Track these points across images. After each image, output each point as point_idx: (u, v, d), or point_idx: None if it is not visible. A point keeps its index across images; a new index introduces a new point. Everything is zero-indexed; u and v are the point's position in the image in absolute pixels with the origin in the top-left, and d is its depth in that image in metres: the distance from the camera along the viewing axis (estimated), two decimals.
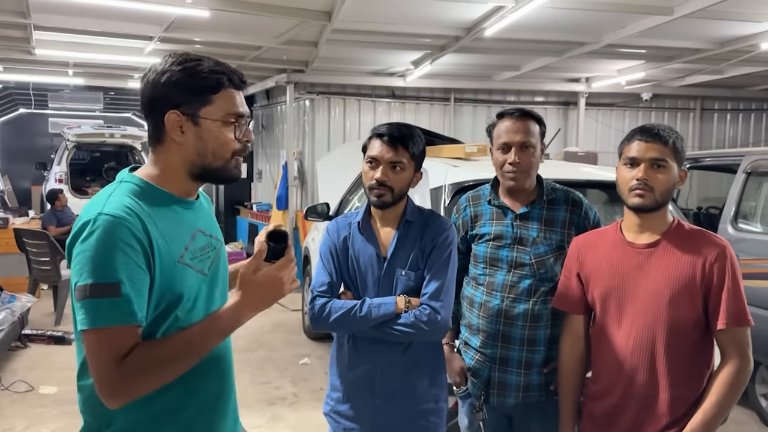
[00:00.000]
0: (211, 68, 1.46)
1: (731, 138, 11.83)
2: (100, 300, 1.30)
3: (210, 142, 1.46)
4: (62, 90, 16.02)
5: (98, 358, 1.33)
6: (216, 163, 1.48)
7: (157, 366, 1.35)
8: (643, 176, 1.88)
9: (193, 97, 1.44)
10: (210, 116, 1.45)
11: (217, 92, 1.45)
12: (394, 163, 2.11)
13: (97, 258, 1.32)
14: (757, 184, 4.75)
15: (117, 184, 1.46)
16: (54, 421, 4.25)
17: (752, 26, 6.78)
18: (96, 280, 1.31)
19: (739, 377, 1.84)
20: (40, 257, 6.74)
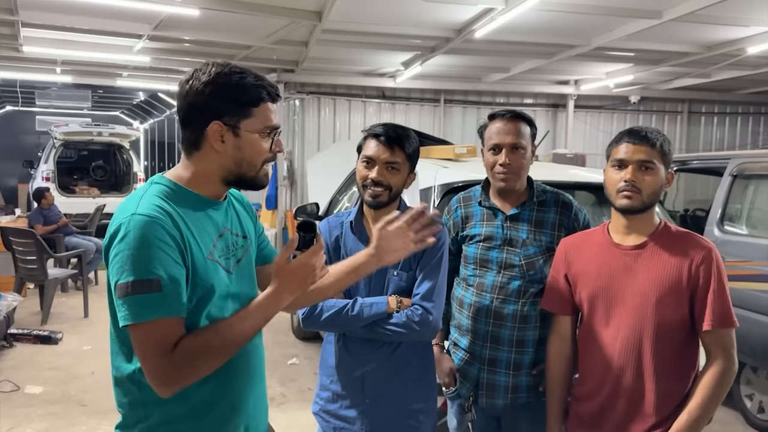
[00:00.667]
0: (254, 83, 1.51)
1: (718, 141, 11.94)
2: (142, 295, 1.36)
3: (247, 153, 1.52)
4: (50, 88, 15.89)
5: (148, 350, 1.39)
6: (250, 172, 1.55)
7: (206, 353, 1.42)
8: (631, 178, 1.89)
9: (236, 110, 1.50)
10: (249, 128, 1.51)
11: (257, 106, 1.52)
12: (390, 164, 2.12)
13: (136, 256, 1.37)
14: (743, 187, 4.79)
15: (148, 186, 1.53)
16: (39, 421, 4.22)
17: (739, 30, 6.86)
18: (137, 277, 1.36)
19: (724, 378, 1.85)
20: (27, 256, 6.68)
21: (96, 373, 5.14)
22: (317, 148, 9.97)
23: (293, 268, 1.53)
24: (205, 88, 1.48)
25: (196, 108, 1.49)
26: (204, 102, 1.48)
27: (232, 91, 1.49)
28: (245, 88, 1.50)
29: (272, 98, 1.54)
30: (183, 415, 1.50)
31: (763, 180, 4.74)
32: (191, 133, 1.52)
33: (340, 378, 2.19)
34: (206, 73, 1.49)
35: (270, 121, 1.54)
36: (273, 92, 1.55)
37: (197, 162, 1.54)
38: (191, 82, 1.50)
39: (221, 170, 1.53)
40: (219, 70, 1.50)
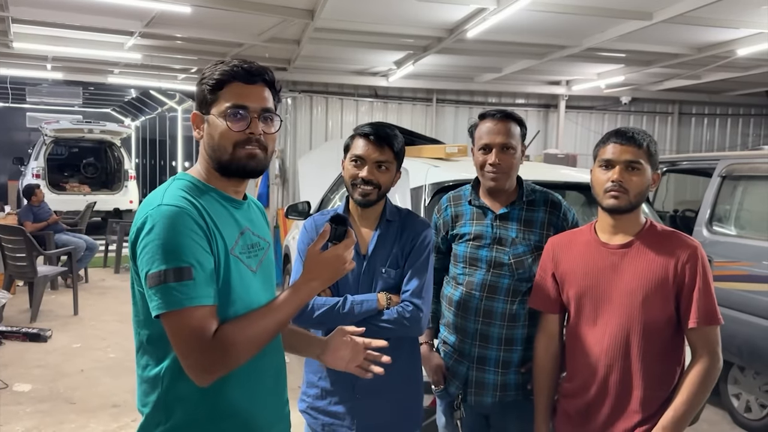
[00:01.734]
0: (224, 68, 1.51)
1: (708, 142, 12.01)
2: (176, 284, 1.36)
3: (214, 137, 1.52)
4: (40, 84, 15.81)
5: (185, 338, 1.38)
6: (224, 156, 1.51)
7: (245, 340, 1.43)
8: (618, 178, 1.91)
9: (206, 97, 1.52)
10: (215, 112, 1.51)
11: (221, 88, 1.51)
12: (380, 162, 2.14)
13: (166, 245, 1.37)
14: (732, 188, 4.83)
15: (171, 181, 1.54)
16: (28, 419, 4.21)
17: (729, 32, 6.90)
18: (169, 266, 1.36)
19: (709, 375, 1.88)
20: (16, 253, 6.65)
21: (85, 371, 5.12)
22: (309, 147, 9.96)
23: (326, 257, 1.57)
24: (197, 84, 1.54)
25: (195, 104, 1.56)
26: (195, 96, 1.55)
27: (204, 80, 1.52)
28: (213, 74, 1.51)
29: (242, 78, 1.51)
30: (204, 417, 1.48)
31: (751, 181, 4.78)
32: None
33: (330, 374, 2.20)
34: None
35: (234, 99, 1.50)
36: (241, 72, 1.51)
37: (200, 157, 1.58)
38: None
39: (208, 161, 1.54)
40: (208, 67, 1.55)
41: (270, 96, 1.56)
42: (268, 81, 1.55)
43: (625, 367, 1.93)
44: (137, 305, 1.49)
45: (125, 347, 5.79)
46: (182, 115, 15.94)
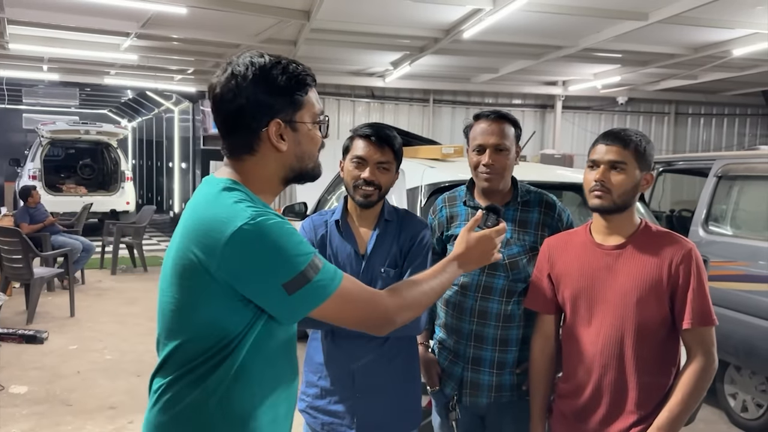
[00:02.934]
0: (298, 70, 1.43)
1: (704, 142, 12.05)
2: (319, 273, 1.36)
3: (306, 145, 1.46)
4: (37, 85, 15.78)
5: (361, 300, 1.46)
6: (310, 164, 1.50)
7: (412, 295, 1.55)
8: (600, 178, 1.93)
9: (289, 104, 1.42)
10: (303, 119, 1.44)
11: (306, 94, 1.44)
12: (381, 163, 2.16)
13: (282, 251, 1.32)
14: (728, 188, 4.83)
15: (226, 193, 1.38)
16: (24, 421, 4.20)
17: (725, 33, 6.92)
18: (299, 267, 1.33)
19: (704, 375, 1.88)
20: (12, 255, 6.64)
21: (82, 373, 5.11)
22: None
23: (479, 237, 1.71)
24: (255, 86, 1.38)
25: (247, 109, 1.38)
26: (256, 101, 1.38)
27: (283, 85, 1.40)
28: (292, 77, 1.41)
29: (314, 83, 1.48)
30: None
31: (747, 181, 4.79)
32: (243, 138, 1.41)
33: (330, 374, 2.20)
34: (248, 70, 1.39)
35: (319, 107, 1.48)
36: (314, 75, 1.47)
37: (254, 166, 1.43)
38: (233, 82, 1.39)
39: (283, 169, 1.46)
40: (262, 64, 1.40)
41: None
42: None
43: (620, 368, 1.93)
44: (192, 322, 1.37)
45: (122, 349, 5.78)
46: (179, 116, 15.93)
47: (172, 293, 1.39)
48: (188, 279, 1.35)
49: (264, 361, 1.40)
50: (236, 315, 1.35)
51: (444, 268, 1.67)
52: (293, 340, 1.55)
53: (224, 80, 1.40)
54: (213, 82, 1.43)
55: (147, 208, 10.66)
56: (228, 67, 1.42)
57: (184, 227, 1.39)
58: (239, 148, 1.43)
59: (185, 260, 1.35)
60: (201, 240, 1.33)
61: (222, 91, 1.40)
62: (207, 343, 1.35)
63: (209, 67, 9.89)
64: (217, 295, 1.33)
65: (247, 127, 1.40)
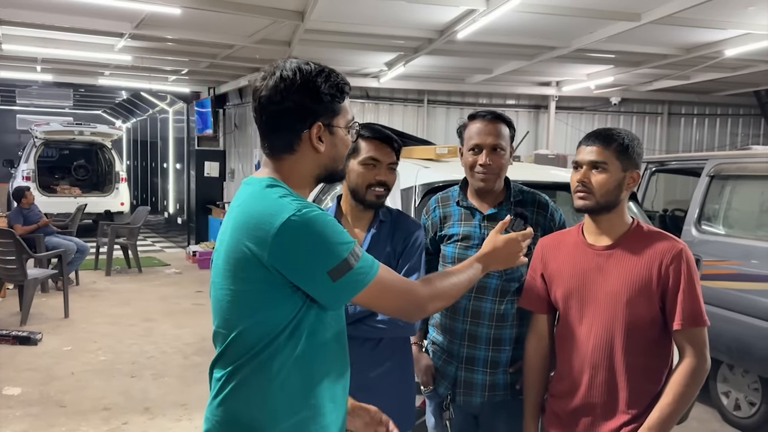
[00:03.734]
0: (338, 80, 1.55)
1: (697, 142, 12.09)
2: (359, 262, 1.46)
3: (341, 148, 1.59)
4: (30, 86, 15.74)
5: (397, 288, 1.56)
6: (340, 165, 1.62)
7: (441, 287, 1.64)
8: (581, 178, 1.95)
9: (330, 109, 1.54)
10: (340, 124, 1.56)
11: (343, 101, 1.57)
12: (391, 164, 2.21)
13: (327, 241, 1.43)
14: (720, 187, 4.86)
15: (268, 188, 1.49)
16: (18, 423, 4.19)
17: (717, 33, 6.95)
18: (345, 253, 1.44)
19: (695, 376, 1.88)
20: (6, 256, 6.62)
21: (76, 374, 5.11)
22: None
23: (506, 240, 1.80)
24: (302, 91, 1.49)
25: (293, 112, 1.50)
26: (301, 105, 1.49)
27: (326, 92, 1.51)
28: (333, 85, 1.53)
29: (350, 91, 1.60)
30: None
31: (739, 180, 4.82)
32: (285, 137, 1.52)
33: None
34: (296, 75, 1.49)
35: (351, 113, 1.60)
36: (350, 85, 1.60)
37: (293, 165, 1.55)
38: (282, 85, 1.49)
39: (318, 169, 1.57)
40: (309, 71, 1.51)
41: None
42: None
43: (611, 368, 1.94)
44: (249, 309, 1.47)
45: (116, 350, 5.77)
46: (173, 116, 15.90)
47: (227, 285, 1.49)
48: (242, 270, 1.45)
49: (319, 348, 1.51)
50: (287, 302, 1.45)
51: (472, 264, 1.77)
52: (344, 332, 1.64)
53: (272, 84, 1.50)
54: (258, 85, 1.53)
55: (141, 208, 10.64)
56: (276, 71, 1.51)
57: (235, 223, 1.49)
58: (281, 148, 1.54)
59: (239, 253, 1.45)
60: (252, 233, 1.43)
61: (270, 93, 1.50)
62: (264, 330, 1.46)
63: (203, 67, 9.88)
64: (269, 283, 1.43)
65: (291, 128, 1.52)
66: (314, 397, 1.51)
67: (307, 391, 1.50)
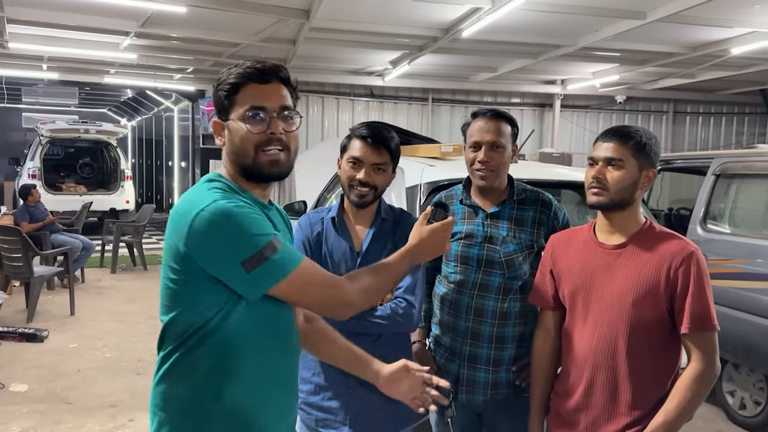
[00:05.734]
0: (237, 71, 1.50)
1: (702, 140, 12.06)
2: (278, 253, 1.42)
3: (236, 141, 1.51)
4: (36, 84, 15.78)
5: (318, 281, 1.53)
6: (246, 161, 1.51)
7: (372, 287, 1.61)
8: (596, 174, 1.93)
9: (223, 103, 1.52)
10: (235, 116, 1.51)
11: (237, 92, 1.50)
12: (377, 165, 2.16)
13: (240, 231, 1.41)
14: (726, 186, 4.85)
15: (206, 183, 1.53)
16: (24, 420, 4.21)
17: (723, 31, 6.93)
18: (261, 244, 1.41)
19: (702, 381, 1.84)
20: (12, 253, 6.65)
21: (82, 371, 5.13)
22: (305, 147, 9.96)
23: (431, 230, 1.73)
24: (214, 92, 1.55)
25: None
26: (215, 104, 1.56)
27: (219, 86, 1.52)
28: (229, 77, 1.50)
29: (256, 78, 1.50)
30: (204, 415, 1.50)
31: (745, 179, 4.80)
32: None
33: (323, 370, 2.21)
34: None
35: (251, 101, 1.49)
36: (255, 72, 1.50)
37: (224, 165, 1.58)
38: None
39: (232, 165, 1.54)
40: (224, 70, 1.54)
41: (287, 93, 1.54)
42: (284, 78, 1.53)
43: (614, 368, 1.92)
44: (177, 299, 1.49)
45: (122, 347, 5.79)
46: (178, 114, 15.93)
47: (163, 275, 1.53)
48: (172, 262, 1.48)
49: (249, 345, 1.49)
50: (211, 294, 1.45)
51: (400, 258, 1.70)
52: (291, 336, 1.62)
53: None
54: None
55: (146, 206, 10.66)
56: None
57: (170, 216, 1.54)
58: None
59: (168, 245, 1.50)
60: (175, 225, 1.47)
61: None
62: (190, 319, 1.47)
63: (208, 66, 9.90)
64: (191, 274, 1.45)
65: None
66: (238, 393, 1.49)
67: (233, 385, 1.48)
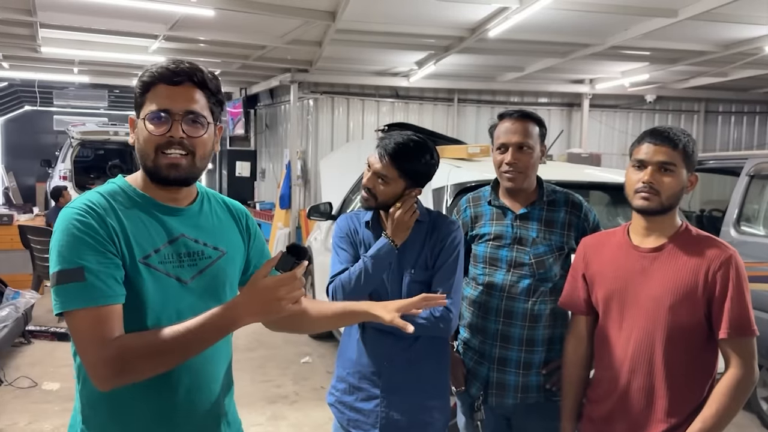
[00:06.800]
0: (151, 70, 1.45)
1: (735, 140, 11.82)
2: (68, 285, 1.34)
3: (140, 141, 1.46)
4: (67, 88, 16.07)
5: (82, 338, 1.36)
6: (147, 162, 1.46)
7: (146, 354, 1.34)
8: (649, 179, 1.85)
9: (137, 101, 1.47)
10: (142, 115, 1.45)
11: (147, 92, 1.45)
12: (380, 175, 2.15)
13: (60, 246, 1.36)
14: (760, 187, 4.75)
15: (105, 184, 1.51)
16: (57, 417, 4.28)
17: (757, 29, 6.78)
18: (62, 267, 1.35)
19: (740, 387, 1.80)
20: (45, 254, 6.76)
21: None
22: (331, 148, 9.99)
23: (259, 286, 1.35)
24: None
25: None
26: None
27: (136, 82, 1.47)
28: (144, 74, 1.45)
29: (166, 79, 1.43)
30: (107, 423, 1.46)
31: None
32: None
33: (358, 370, 2.21)
34: None
35: (156, 102, 1.42)
36: (166, 73, 1.43)
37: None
38: None
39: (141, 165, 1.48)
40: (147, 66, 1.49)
41: (202, 98, 1.47)
42: (197, 81, 1.46)
43: (650, 374, 1.88)
44: None
45: None
46: None
47: None
48: None
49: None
50: None
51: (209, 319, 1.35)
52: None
53: None
54: None
55: None
56: None
57: None
58: None
59: None
60: None
61: None
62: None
63: (235, 68, 9.98)
64: None
65: None
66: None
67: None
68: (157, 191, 1.49)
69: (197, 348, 1.38)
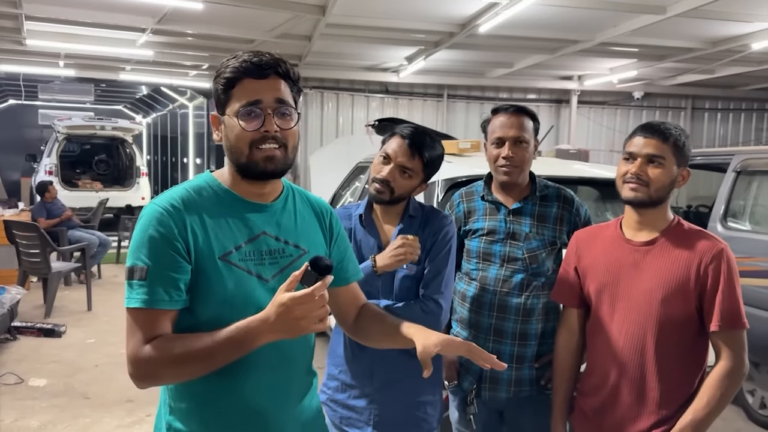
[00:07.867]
0: (234, 65, 1.43)
1: (721, 137, 11.93)
2: (132, 282, 1.37)
3: (230, 137, 1.45)
4: (53, 81, 15.91)
5: (128, 336, 1.38)
6: (241, 159, 1.44)
7: (171, 359, 1.34)
8: (636, 171, 1.88)
9: (220, 98, 1.46)
10: (230, 112, 1.44)
11: (233, 86, 1.43)
12: (404, 168, 2.11)
13: (135, 243, 1.39)
14: (747, 183, 4.78)
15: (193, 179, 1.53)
16: (43, 414, 4.24)
17: (743, 26, 6.84)
18: (131, 263, 1.38)
19: (731, 379, 1.82)
20: (30, 249, 6.70)
21: (100, 366, 5.16)
22: (320, 143, 9.98)
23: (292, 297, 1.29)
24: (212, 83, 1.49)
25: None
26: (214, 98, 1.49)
27: (218, 78, 1.45)
28: (223, 73, 1.43)
29: (252, 73, 1.42)
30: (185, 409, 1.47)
31: (766, 176, 4.74)
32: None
33: (350, 368, 2.20)
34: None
35: (245, 97, 1.41)
36: (251, 67, 1.41)
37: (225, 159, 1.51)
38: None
39: (230, 163, 1.48)
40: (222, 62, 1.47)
41: (286, 88, 1.46)
42: (282, 73, 1.45)
43: (642, 366, 1.89)
44: None
45: None
46: (193, 111, 16.01)
47: None
48: None
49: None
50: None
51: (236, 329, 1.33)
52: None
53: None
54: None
55: None
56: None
57: None
58: None
59: None
60: None
61: None
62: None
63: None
64: None
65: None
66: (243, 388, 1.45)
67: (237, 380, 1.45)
68: (243, 187, 1.49)
69: (221, 360, 1.36)
